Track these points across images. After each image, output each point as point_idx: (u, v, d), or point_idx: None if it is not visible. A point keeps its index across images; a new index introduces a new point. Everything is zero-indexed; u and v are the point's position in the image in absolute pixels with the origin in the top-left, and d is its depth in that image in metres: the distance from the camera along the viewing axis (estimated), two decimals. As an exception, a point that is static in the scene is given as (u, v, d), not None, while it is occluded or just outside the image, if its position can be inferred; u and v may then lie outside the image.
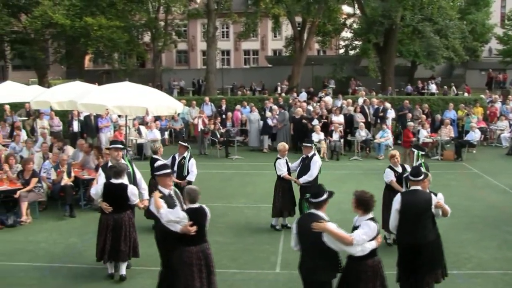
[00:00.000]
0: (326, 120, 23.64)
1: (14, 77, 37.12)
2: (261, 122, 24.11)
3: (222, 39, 56.66)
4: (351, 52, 41.57)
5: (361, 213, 7.21)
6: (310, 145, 12.85)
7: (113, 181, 9.67)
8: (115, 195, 9.65)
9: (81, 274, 10.32)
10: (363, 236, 6.95)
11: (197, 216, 7.82)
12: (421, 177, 8.58)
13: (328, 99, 28.67)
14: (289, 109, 25.09)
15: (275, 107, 24.89)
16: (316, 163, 12.50)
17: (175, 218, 7.81)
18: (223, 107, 26.69)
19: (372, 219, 7.13)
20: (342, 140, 22.77)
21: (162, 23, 45.40)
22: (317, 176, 12.48)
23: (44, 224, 13.67)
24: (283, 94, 34.53)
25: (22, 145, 18.20)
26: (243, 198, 15.30)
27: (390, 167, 11.64)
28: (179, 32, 50.93)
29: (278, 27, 49.21)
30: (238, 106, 26.39)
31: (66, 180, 14.60)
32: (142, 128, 23.55)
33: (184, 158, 12.88)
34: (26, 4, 35.85)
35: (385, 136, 22.64)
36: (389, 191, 11.37)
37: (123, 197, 9.66)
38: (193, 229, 7.67)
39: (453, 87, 41.35)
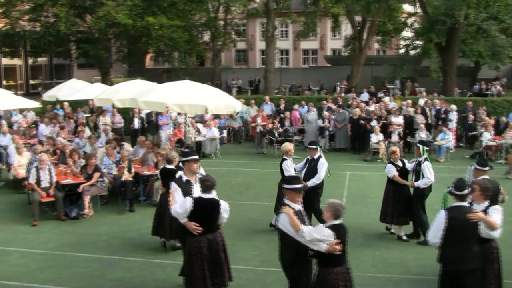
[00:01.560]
0: (385, 121, 23.38)
1: (79, 75, 38.14)
2: (319, 122, 24.07)
3: (281, 39, 56.69)
4: (412, 52, 40.93)
5: (481, 200, 7.93)
6: (315, 147, 12.64)
7: (204, 196, 8.20)
8: (207, 212, 8.20)
9: (139, 267, 10.57)
10: (499, 221, 7.67)
11: (341, 233, 7.12)
12: (488, 168, 9.41)
13: (388, 100, 28.35)
14: (348, 109, 24.95)
15: (334, 107, 24.81)
16: (323, 165, 12.34)
17: (321, 236, 6.99)
18: (282, 107, 26.74)
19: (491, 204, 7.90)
20: (401, 142, 22.48)
21: (221, 23, 45.73)
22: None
23: (105, 217, 14.08)
24: (341, 94, 34.30)
25: (86, 141, 18.72)
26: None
27: (391, 163, 12.32)
28: (238, 31, 51.20)
29: (338, 27, 48.91)
30: (296, 106, 26.39)
31: (126, 176, 14.97)
32: (201, 126, 23.84)
33: None
34: (91, 5, 36.62)
35: (446, 138, 22.22)
36: (391, 185, 12.29)
37: (216, 214, 8.24)
38: (340, 247, 7.01)
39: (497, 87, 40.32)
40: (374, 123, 22.90)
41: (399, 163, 12.32)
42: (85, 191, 14.10)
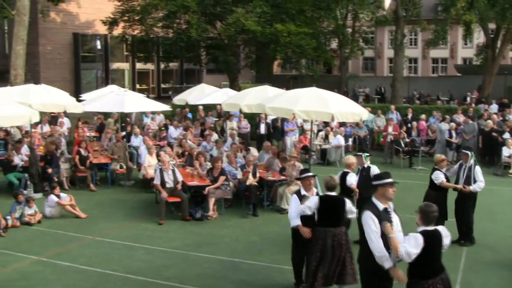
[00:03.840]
0: (519, 134, 22.25)
1: (208, 80, 39.16)
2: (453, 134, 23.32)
3: (409, 47, 55.56)
4: (551, 62, 38.77)
5: None
6: (360, 154, 12.55)
7: (430, 229, 6.79)
8: (437, 248, 6.89)
9: (259, 271, 10.68)
10: None
11: None
12: None
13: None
14: (478, 120, 24.00)
15: (462, 118, 23.96)
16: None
17: None
18: (409, 116, 26.14)
19: None
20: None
21: (349, 30, 45.46)
22: None
23: (228, 220, 14.31)
24: (471, 105, 33.03)
25: (212, 145, 19.15)
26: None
27: (439, 170, 12.35)
28: (366, 39, 50.68)
29: (469, 35, 47.07)
30: (423, 116, 25.69)
31: (251, 180, 15.15)
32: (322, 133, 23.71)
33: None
34: (221, 12, 37.49)
35: None
36: (433, 191, 12.30)
37: (440, 249, 6.98)
38: None
39: None
40: (506, 135, 21.86)
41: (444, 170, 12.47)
42: (210, 194, 14.42)
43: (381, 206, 7.38)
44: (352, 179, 11.94)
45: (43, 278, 10.22)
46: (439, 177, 12.21)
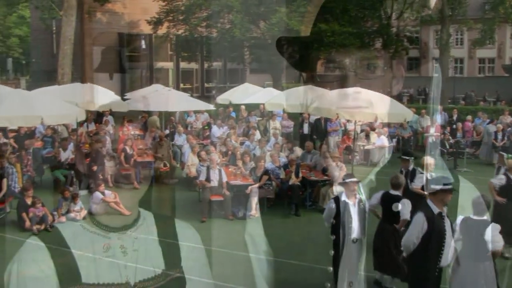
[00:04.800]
0: None
1: (251, 80, 39.13)
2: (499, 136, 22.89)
3: (455, 47, 54.70)
4: None
5: None
6: (407, 158, 12.26)
7: (476, 218, 7.44)
8: (477, 235, 7.43)
9: (302, 270, 10.70)
10: None
11: None
12: None
13: None
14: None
15: (509, 119, 23.49)
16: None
17: None
18: (454, 117, 25.73)
19: None
20: None
21: (393, 30, 45.00)
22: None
23: (271, 220, 14.27)
24: None
25: (256, 144, 19.16)
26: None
27: (507, 174, 11.61)
28: (411, 38, 50.11)
29: (518, 34, 46.25)
30: (469, 117, 25.26)
31: (294, 180, 15.12)
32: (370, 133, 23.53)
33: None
34: (265, 12, 37.61)
35: None
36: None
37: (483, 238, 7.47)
38: None
39: None
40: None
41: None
42: (253, 193, 14.44)
43: (436, 209, 7.35)
44: (418, 182, 11.38)
45: (87, 273, 10.32)
46: (500, 179, 11.74)
